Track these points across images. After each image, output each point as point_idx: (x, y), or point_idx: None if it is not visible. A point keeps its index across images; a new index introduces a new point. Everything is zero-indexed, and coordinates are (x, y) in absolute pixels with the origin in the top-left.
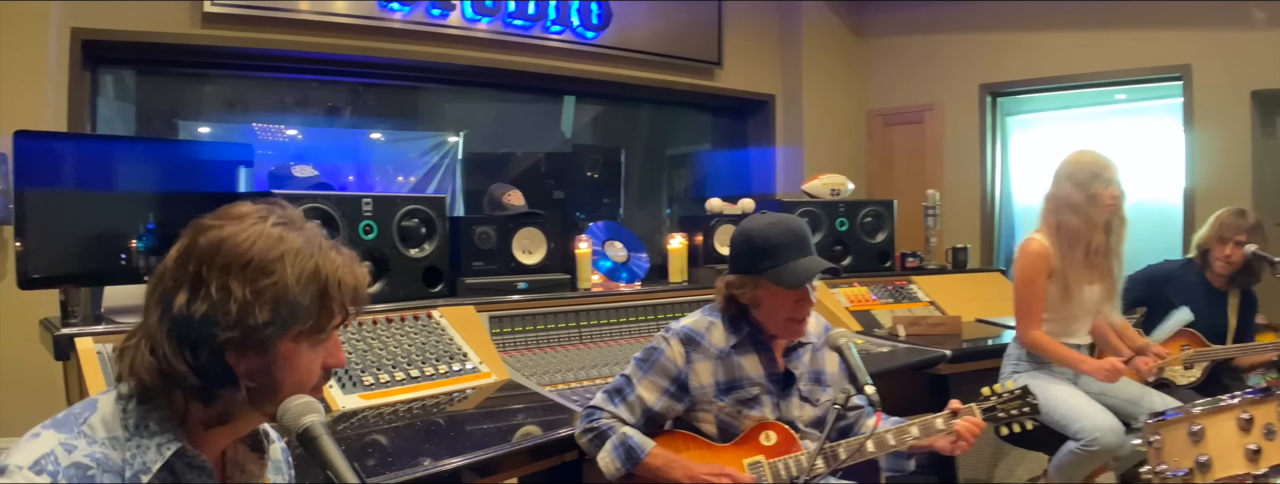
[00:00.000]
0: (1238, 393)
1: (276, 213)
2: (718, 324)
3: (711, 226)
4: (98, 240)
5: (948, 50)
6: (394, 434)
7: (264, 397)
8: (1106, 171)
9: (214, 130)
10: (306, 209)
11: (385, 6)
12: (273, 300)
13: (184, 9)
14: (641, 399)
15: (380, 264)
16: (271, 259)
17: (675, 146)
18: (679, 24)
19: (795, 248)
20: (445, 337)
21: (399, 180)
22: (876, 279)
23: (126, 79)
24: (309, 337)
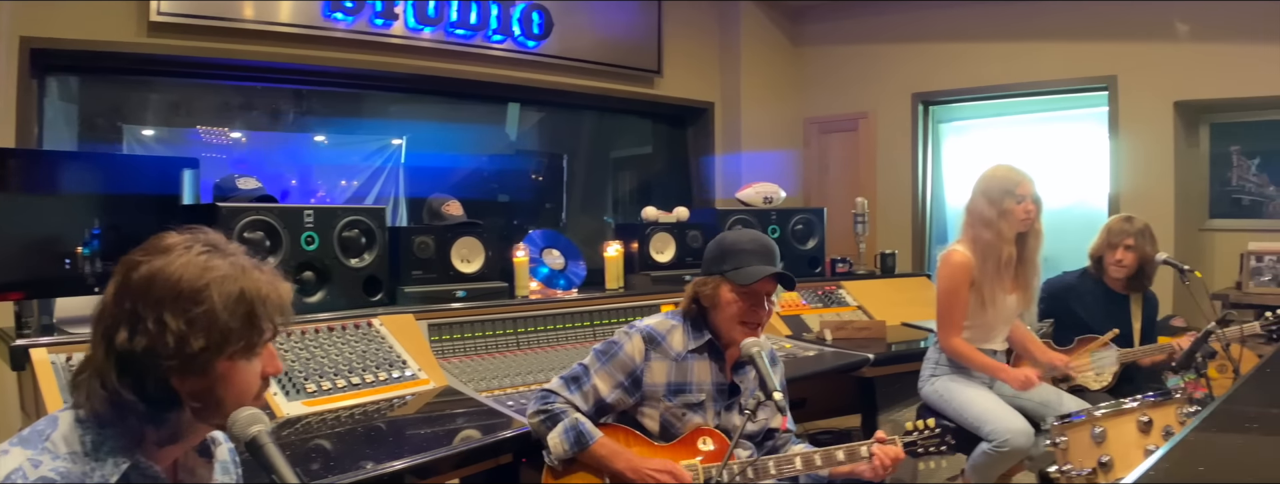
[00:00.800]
0: (1138, 396)
1: (201, 240)
2: (679, 328)
3: (647, 235)
4: (42, 247)
5: (881, 60)
6: (336, 439)
7: (209, 413)
8: (1019, 187)
9: (158, 134)
10: (250, 221)
11: (329, 16)
12: (205, 327)
13: (130, 18)
14: (596, 389)
15: (321, 274)
16: (199, 288)
17: (619, 151)
18: (619, 33)
19: (758, 256)
20: (385, 345)
21: (342, 184)
22: (807, 284)
23: (70, 82)
24: (244, 354)
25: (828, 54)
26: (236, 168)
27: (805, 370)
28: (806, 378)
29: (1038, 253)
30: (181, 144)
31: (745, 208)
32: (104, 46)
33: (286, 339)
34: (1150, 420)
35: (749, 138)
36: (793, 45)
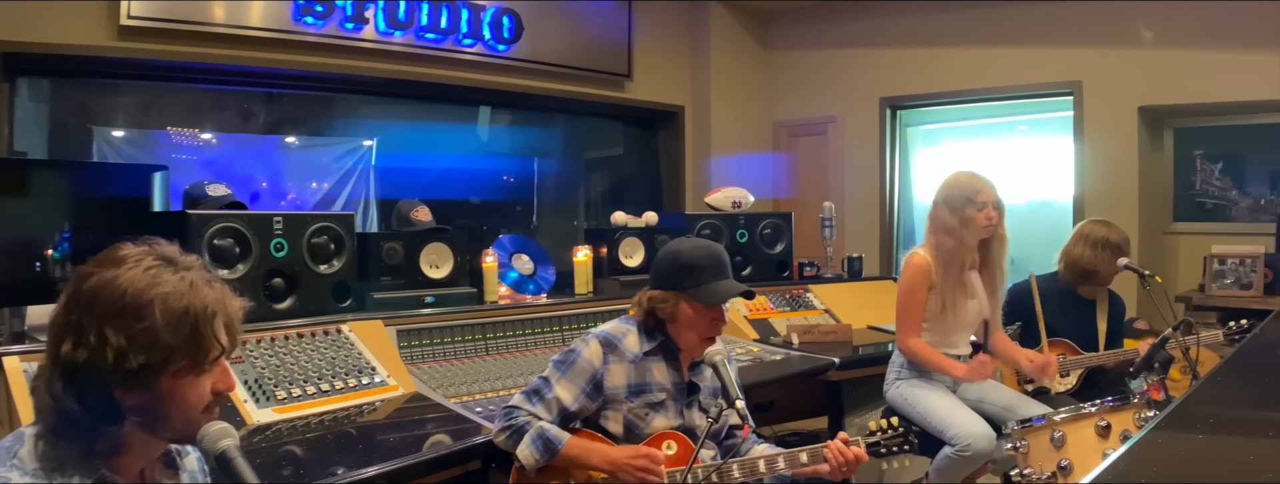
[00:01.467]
0: (1097, 401)
1: (154, 253)
2: (634, 332)
3: (616, 239)
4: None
5: (849, 65)
6: (306, 446)
7: (157, 427)
8: (980, 195)
9: (128, 135)
10: (219, 228)
11: (299, 20)
12: (145, 345)
13: (101, 22)
14: (559, 399)
15: (291, 281)
16: (143, 304)
17: (592, 153)
18: (589, 37)
19: (717, 270)
20: (354, 351)
21: (313, 186)
22: (775, 288)
23: (41, 83)
24: (189, 371)
25: (797, 58)
26: (206, 170)
27: (771, 374)
28: (773, 382)
29: (1003, 258)
30: (152, 146)
31: (714, 212)
32: (74, 50)
33: (257, 346)
34: (1109, 425)
35: (719, 141)
36: (763, 49)
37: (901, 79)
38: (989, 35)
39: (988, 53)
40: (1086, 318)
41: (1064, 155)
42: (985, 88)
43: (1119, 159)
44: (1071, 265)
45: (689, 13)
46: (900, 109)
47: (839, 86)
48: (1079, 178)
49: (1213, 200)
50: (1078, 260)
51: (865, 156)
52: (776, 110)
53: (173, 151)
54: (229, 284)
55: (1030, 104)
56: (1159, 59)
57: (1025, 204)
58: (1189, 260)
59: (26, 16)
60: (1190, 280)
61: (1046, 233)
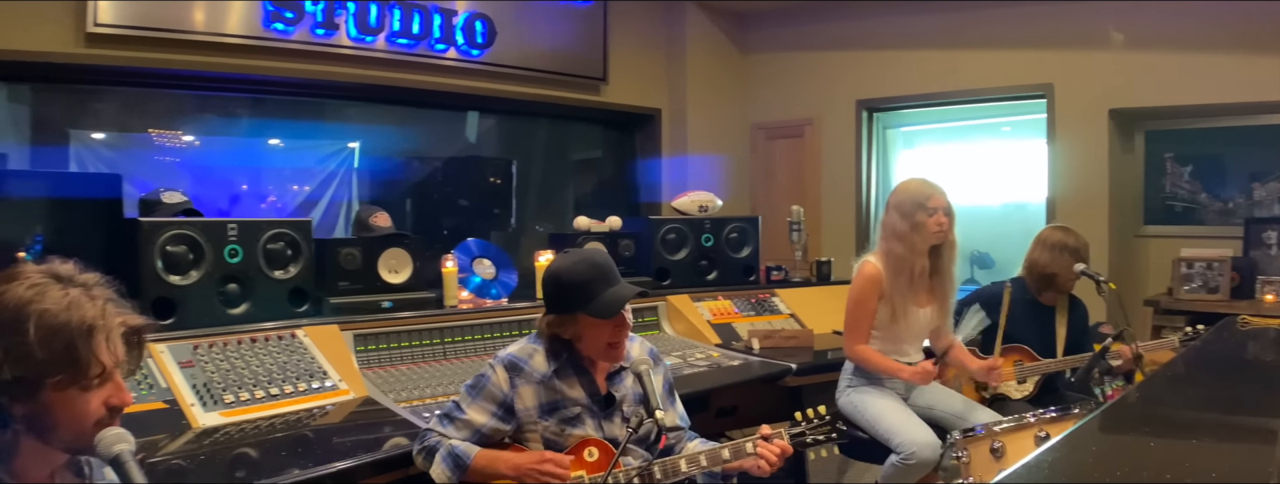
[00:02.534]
0: (1038, 411)
1: (46, 271)
2: (540, 351)
3: (579, 244)
4: None
5: (826, 67)
6: (248, 450)
7: (46, 436)
8: (930, 200)
9: (108, 138)
10: (172, 235)
11: (269, 26)
12: (19, 358)
13: (67, 29)
14: (471, 421)
15: (245, 286)
16: (20, 319)
17: (574, 154)
18: (564, 41)
19: (602, 280)
20: (307, 356)
21: (294, 189)
22: (741, 292)
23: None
24: (72, 385)
25: (773, 60)
26: (187, 172)
27: (729, 380)
28: (731, 386)
29: (953, 264)
30: (131, 148)
31: (681, 216)
32: (41, 57)
33: (208, 350)
34: (1047, 435)
35: (696, 144)
36: (739, 52)
37: (877, 81)
38: (962, 37)
39: (961, 55)
40: (1046, 324)
41: (1039, 157)
42: (959, 90)
43: (1090, 161)
44: (1031, 270)
45: (665, 15)
46: (876, 111)
47: (815, 89)
48: (1052, 180)
49: (1183, 203)
50: (1036, 264)
51: (842, 159)
52: (754, 112)
53: (154, 154)
54: (182, 290)
55: (1007, 106)
56: (1130, 61)
57: (1000, 206)
58: (1159, 264)
59: None
60: (1160, 284)
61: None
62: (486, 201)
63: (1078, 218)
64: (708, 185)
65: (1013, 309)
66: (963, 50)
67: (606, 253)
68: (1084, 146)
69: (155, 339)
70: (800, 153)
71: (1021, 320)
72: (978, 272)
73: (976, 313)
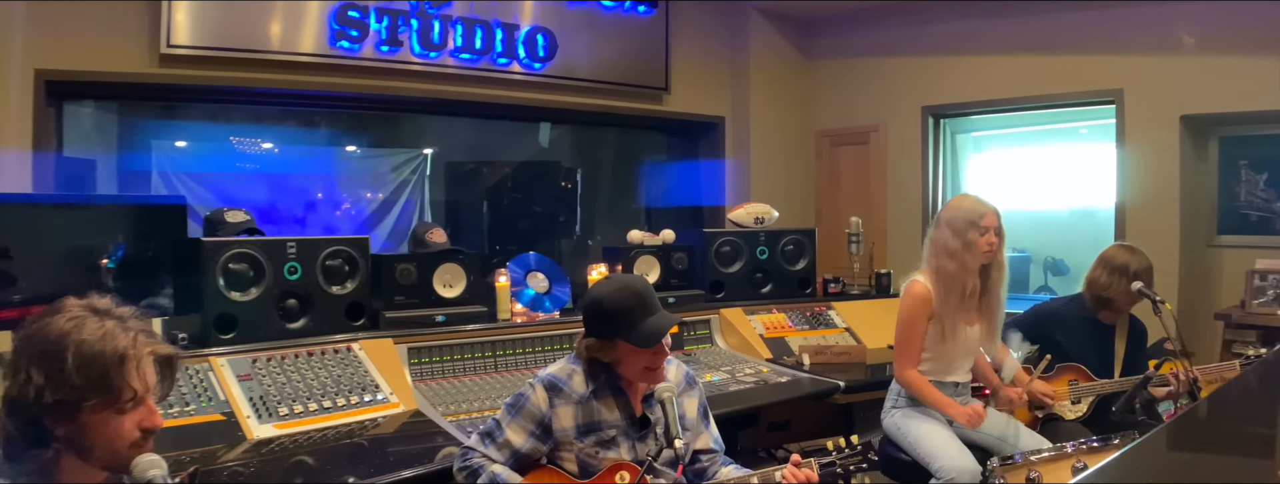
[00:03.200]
0: (1079, 442)
1: (88, 305)
2: (579, 372)
3: (631, 258)
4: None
5: (891, 72)
6: (294, 460)
7: (85, 453)
8: (983, 219)
9: (190, 145)
10: (234, 254)
11: (335, 44)
12: (57, 384)
13: (141, 50)
14: (510, 441)
15: (304, 301)
16: (60, 349)
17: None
18: (625, 52)
19: (643, 309)
20: (361, 369)
21: (367, 196)
22: (796, 305)
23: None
24: (106, 408)
25: (839, 66)
26: (264, 180)
27: (776, 396)
28: (780, 403)
29: (1002, 285)
30: (211, 156)
31: (736, 229)
32: (116, 77)
33: (266, 364)
34: (1085, 466)
35: (759, 151)
36: (804, 58)
37: (943, 87)
38: (1029, 42)
39: (1029, 61)
40: (1104, 343)
41: (1111, 162)
42: (1026, 96)
43: (1161, 169)
44: (1089, 288)
45: (727, 23)
46: (943, 117)
47: (880, 95)
48: (1121, 187)
49: (1258, 213)
50: (1094, 283)
51: (908, 166)
52: (818, 119)
53: (236, 160)
54: (243, 306)
55: (1077, 112)
56: (1201, 66)
57: (1070, 211)
58: (1232, 275)
59: (67, 45)
60: (1232, 296)
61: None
62: (554, 208)
63: (1147, 226)
64: (771, 193)
65: (1069, 327)
66: (1029, 55)
67: (647, 280)
68: (1154, 153)
69: (216, 353)
70: (865, 160)
71: (1078, 339)
72: (1052, 278)
73: (1018, 339)
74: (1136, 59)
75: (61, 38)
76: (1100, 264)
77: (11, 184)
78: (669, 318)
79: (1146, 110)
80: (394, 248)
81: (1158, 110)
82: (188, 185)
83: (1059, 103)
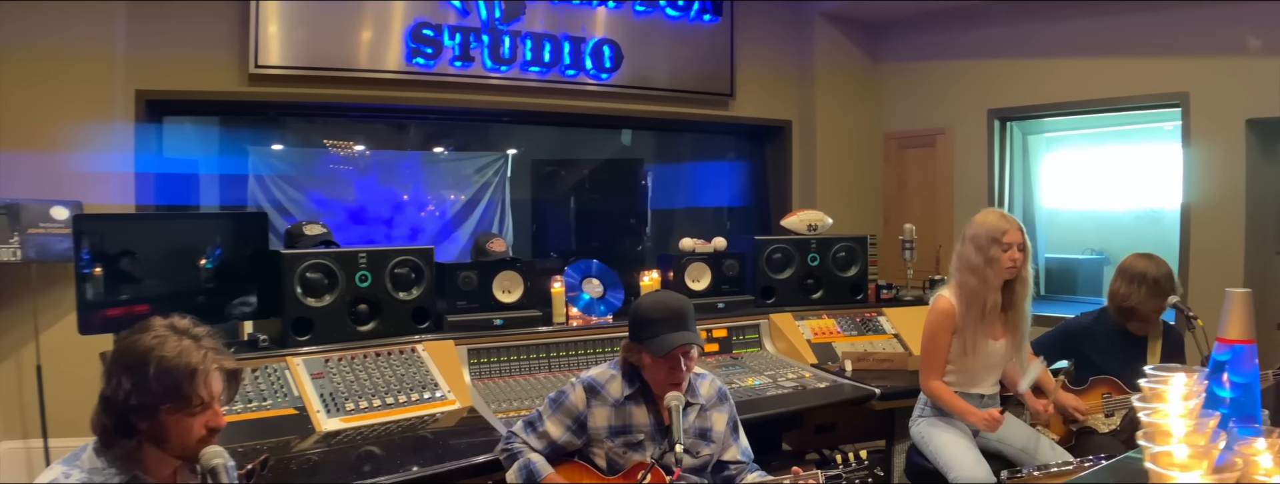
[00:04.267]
0: (1092, 457)
1: (170, 325)
2: (618, 377)
3: (682, 265)
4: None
5: (956, 76)
6: (353, 451)
7: (162, 445)
8: (1006, 236)
9: (284, 151)
10: (310, 265)
11: (411, 61)
12: (141, 390)
13: (232, 70)
14: (548, 432)
15: (374, 307)
16: (145, 362)
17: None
18: (691, 60)
19: (670, 323)
20: (423, 368)
21: (450, 197)
22: (846, 311)
23: None
24: (179, 411)
25: (905, 70)
26: (354, 183)
27: (813, 402)
28: (817, 408)
29: (1026, 300)
30: (305, 162)
31: (788, 236)
32: (209, 96)
33: (337, 363)
34: None
35: (825, 155)
36: (871, 61)
37: (1009, 90)
38: (1094, 45)
39: (1093, 63)
40: (1135, 355)
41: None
42: (1091, 99)
43: (1227, 173)
44: (1112, 300)
45: (793, 29)
46: (1008, 120)
47: (946, 98)
48: (1186, 190)
49: None
50: (1115, 295)
51: (974, 169)
52: (886, 122)
53: (328, 164)
54: (318, 312)
55: (1144, 115)
56: (1268, 69)
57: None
58: None
59: (164, 67)
60: None
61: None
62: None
63: (1212, 230)
64: (837, 196)
65: (1099, 341)
66: (1094, 58)
67: (688, 302)
68: (1220, 157)
69: (292, 353)
70: (932, 163)
71: (1109, 352)
72: None
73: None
74: (1201, 61)
75: (159, 60)
76: (1119, 274)
77: (117, 193)
78: (688, 337)
79: (1212, 113)
80: None
81: (1223, 114)
82: (282, 189)
83: (1124, 106)
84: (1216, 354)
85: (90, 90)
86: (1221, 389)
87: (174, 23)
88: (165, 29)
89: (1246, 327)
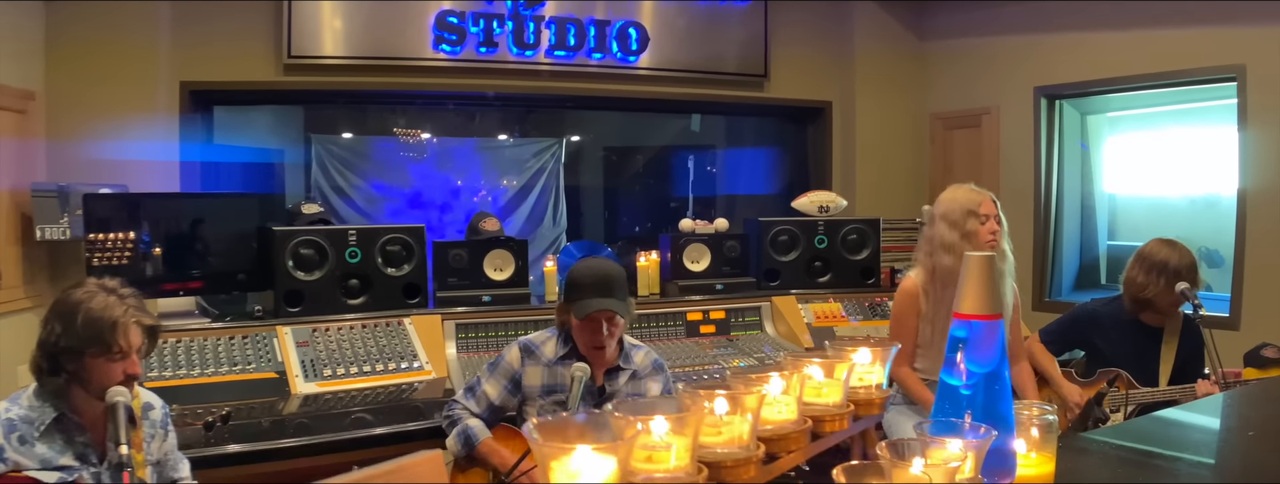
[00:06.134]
0: None
1: (100, 284)
2: (554, 339)
3: (681, 245)
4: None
5: (1003, 52)
6: (325, 412)
7: (86, 386)
8: (981, 207)
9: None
10: (300, 241)
11: (437, 48)
12: (68, 335)
13: (269, 60)
14: (486, 394)
15: (364, 282)
16: (75, 312)
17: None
18: (721, 40)
19: (594, 289)
20: (407, 341)
21: (504, 183)
22: (855, 295)
23: None
24: (102, 356)
25: (952, 46)
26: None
27: None
28: None
29: (1007, 277)
30: (363, 149)
31: (797, 217)
32: (246, 86)
33: (323, 333)
34: None
35: (866, 136)
36: (917, 39)
37: (1056, 66)
38: (1144, 17)
39: (1143, 36)
40: (1148, 348)
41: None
42: (1139, 74)
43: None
44: (1127, 289)
45: (831, 5)
46: (1057, 98)
47: (993, 75)
48: (1243, 173)
49: None
50: (1130, 284)
51: (1021, 151)
52: (933, 102)
53: (386, 152)
54: (309, 285)
55: (1198, 91)
56: None
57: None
58: None
59: (205, 58)
60: None
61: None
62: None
63: (1271, 217)
64: (879, 178)
65: (1108, 330)
66: (1143, 30)
67: (622, 270)
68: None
69: (282, 323)
70: (978, 144)
71: (1119, 343)
72: (1207, 271)
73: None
74: (1259, 32)
75: (200, 52)
76: (1137, 261)
77: (161, 181)
78: (608, 304)
79: (1271, 88)
80: (530, 232)
81: None
82: (344, 175)
83: (1175, 81)
84: (953, 330)
85: (136, 82)
86: (954, 378)
87: (214, 16)
88: (205, 22)
89: (988, 297)
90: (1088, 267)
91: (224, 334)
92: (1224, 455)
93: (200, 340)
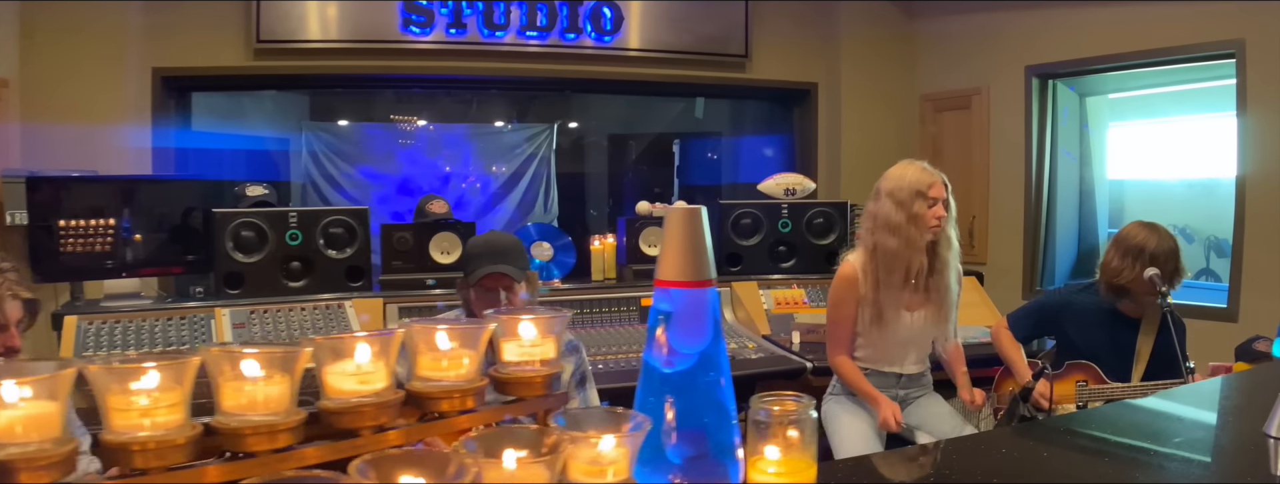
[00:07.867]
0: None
1: None
2: (461, 317)
3: (637, 228)
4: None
5: (994, 29)
6: None
7: None
8: (931, 189)
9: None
10: (240, 223)
11: (406, 30)
12: None
13: (239, 45)
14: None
15: (306, 264)
16: None
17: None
18: (699, 19)
19: (489, 257)
20: (345, 323)
21: (493, 170)
22: (821, 281)
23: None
24: None
25: (942, 24)
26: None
27: (738, 371)
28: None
29: (951, 265)
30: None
31: (760, 200)
32: (218, 70)
33: (262, 316)
34: None
35: (852, 118)
36: (905, 17)
37: (1047, 44)
38: None
39: (1136, 9)
40: (1123, 339)
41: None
42: (1135, 51)
43: None
44: (1103, 274)
45: None
46: (1049, 78)
47: (982, 54)
48: (1242, 156)
49: None
50: (1106, 269)
51: (1010, 132)
52: (922, 82)
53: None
54: (249, 267)
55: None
56: None
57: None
58: None
59: (176, 44)
60: None
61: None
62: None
63: (1272, 202)
64: (866, 161)
65: (1081, 318)
66: (1139, 3)
67: (517, 240)
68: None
69: (221, 305)
70: (968, 127)
71: (1092, 333)
72: (1216, 260)
73: None
74: (1257, 5)
75: (173, 38)
76: (1115, 245)
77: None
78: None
79: (1271, 64)
80: (521, 219)
81: None
82: (334, 163)
83: (1172, 58)
84: (656, 302)
85: (109, 68)
86: (661, 367)
87: (185, 2)
88: (177, 8)
89: (693, 260)
90: (1086, 255)
91: (163, 315)
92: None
93: (138, 322)
